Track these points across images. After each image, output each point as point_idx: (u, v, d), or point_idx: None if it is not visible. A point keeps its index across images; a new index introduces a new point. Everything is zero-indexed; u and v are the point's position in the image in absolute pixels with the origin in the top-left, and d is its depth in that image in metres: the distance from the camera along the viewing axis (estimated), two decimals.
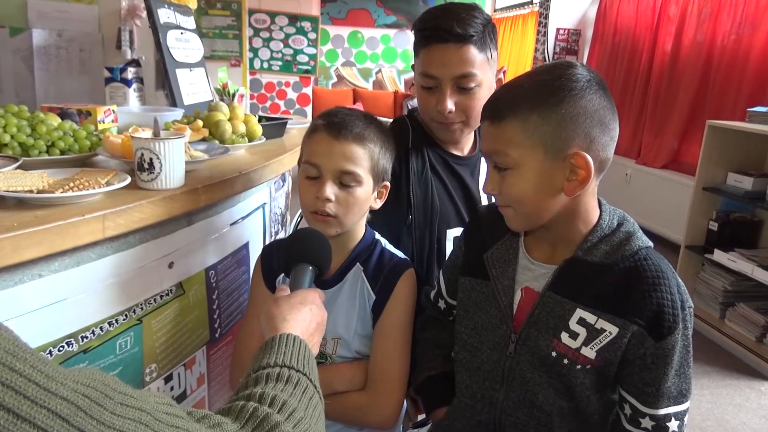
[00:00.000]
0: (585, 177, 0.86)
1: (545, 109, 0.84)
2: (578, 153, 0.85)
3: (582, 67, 0.87)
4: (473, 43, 1.17)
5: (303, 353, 0.74)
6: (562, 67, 0.87)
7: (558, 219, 0.91)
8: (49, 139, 1.20)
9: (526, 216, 0.92)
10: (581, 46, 5.91)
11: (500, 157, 0.89)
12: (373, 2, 8.19)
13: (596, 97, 0.85)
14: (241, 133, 1.57)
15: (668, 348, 0.88)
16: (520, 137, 0.86)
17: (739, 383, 2.79)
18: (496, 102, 0.90)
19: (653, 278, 0.88)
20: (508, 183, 0.89)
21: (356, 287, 1.12)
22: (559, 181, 0.87)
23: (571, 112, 0.84)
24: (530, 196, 0.88)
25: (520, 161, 0.87)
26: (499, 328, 0.98)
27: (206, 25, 5.24)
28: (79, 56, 2.32)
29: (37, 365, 0.41)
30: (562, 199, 0.89)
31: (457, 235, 1.30)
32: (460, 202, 1.31)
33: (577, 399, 0.94)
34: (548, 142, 0.85)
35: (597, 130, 0.86)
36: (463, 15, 1.17)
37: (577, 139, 0.85)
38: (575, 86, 0.84)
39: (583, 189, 0.88)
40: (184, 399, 1.26)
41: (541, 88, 0.85)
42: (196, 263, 1.26)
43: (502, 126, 0.87)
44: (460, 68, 1.17)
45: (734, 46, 3.97)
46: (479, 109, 1.21)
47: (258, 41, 7.18)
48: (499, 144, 0.88)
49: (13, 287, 0.86)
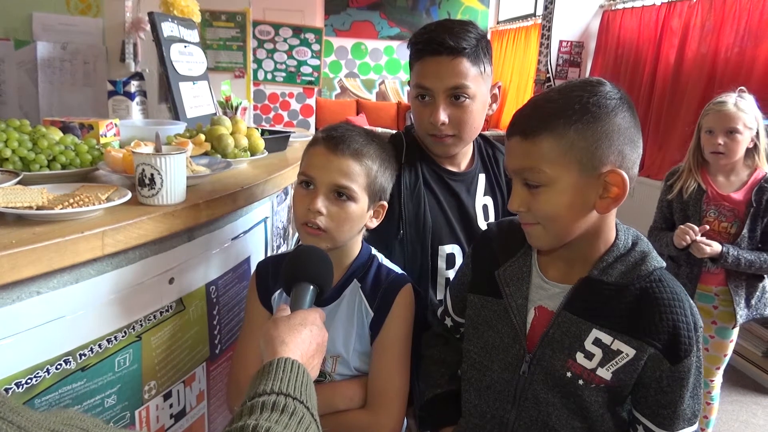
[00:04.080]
0: (619, 194, 0.86)
1: (582, 125, 0.83)
2: (614, 170, 0.85)
3: (611, 85, 0.87)
4: (466, 56, 1.17)
5: (301, 379, 0.72)
6: (595, 84, 0.87)
7: (581, 237, 0.90)
8: (51, 153, 1.19)
9: (555, 234, 0.90)
10: (584, 58, 5.91)
11: (534, 174, 0.86)
12: (376, 14, 8.24)
13: (628, 115, 0.86)
14: (244, 147, 1.57)
15: (684, 371, 0.88)
16: (555, 153, 0.84)
17: (745, 399, 2.75)
18: (529, 118, 0.87)
19: (669, 300, 0.87)
20: (540, 200, 0.87)
21: (354, 304, 1.11)
22: (591, 199, 0.87)
23: (607, 130, 0.84)
24: (563, 214, 0.87)
25: (555, 178, 0.85)
26: (512, 347, 0.97)
27: (210, 36, 5.26)
28: (83, 69, 2.32)
29: (20, 411, 0.40)
30: (592, 217, 0.88)
31: (450, 252, 1.29)
32: (454, 219, 1.30)
33: (591, 419, 0.93)
34: (584, 159, 0.84)
35: (628, 147, 0.86)
36: (456, 29, 1.18)
37: (612, 156, 0.85)
38: (610, 104, 0.84)
39: (617, 206, 0.87)
40: (184, 416, 1.25)
41: (578, 105, 0.84)
42: (196, 279, 1.25)
43: (536, 142, 0.85)
44: (453, 80, 1.18)
45: (737, 59, 3.97)
46: (472, 122, 1.22)
47: (262, 53, 7.21)
48: (532, 160, 0.86)
49: (11, 305, 0.85)
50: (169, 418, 1.20)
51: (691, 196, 2.05)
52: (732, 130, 1.95)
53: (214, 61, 5.16)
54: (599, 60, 5.69)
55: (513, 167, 0.90)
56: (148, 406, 1.13)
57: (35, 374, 0.90)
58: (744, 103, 1.97)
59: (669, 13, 4.73)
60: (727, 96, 2.01)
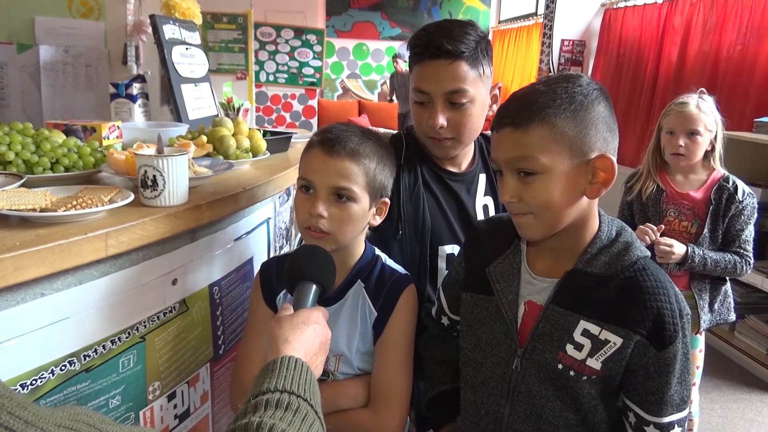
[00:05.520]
0: (606, 179, 0.89)
1: (570, 113, 0.86)
2: (604, 155, 0.88)
3: (588, 78, 0.92)
4: (464, 59, 1.17)
5: (304, 377, 0.72)
6: (575, 77, 0.91)
7: (568, 228, 0.92)
8: (54, 156, 1.20)
9: (547, 223, 0.91)
10: (586, 57, 5.91)
11: (528, 162, 0.88)
12: (378, 15, 8.25)
13: (607, 105, 0.90)
14: (246, 148, 1.57)
15: (670, 357, 0.89)
16: (548, 141, 0.86)
17: (750, 397, 2.75)
18: (518, 109, 0.89)
19: (653, 288, 0.89)
20: (534, 188, 0.88)
21: (357, 304, 1.12)
22: (582, 185, 0.89)
23: (592, 117, 0.87)
24: (557, 201, 0.88)
25: (548, 166, 0.87)
26: (504, 342, 0.98)
27: (212, 38, 5.28)
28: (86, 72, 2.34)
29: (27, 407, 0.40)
30: (582, 204, 0.91)
31: (450, 253, 1.28)
32: (454, 219, 1.29)
33: (585, 410, 0.94)
34: (574, 145, 0.87)
35: (609, 135, 0.90)
36: (455, 32, 1.17)
37: (598, 143, 0.88)
38: (592, 93, 0.89)
39: (606, 191, 0.90)
40: (188, 417, 1.25)
41: (564, 94, 0.87)
42: (199, 279, 1.25)
43: (528, 131, 0.87)
44: (451, 84, 1.17)
45: (740, 57, 3.96)
46: (471, 125, 1.22)
47: (264, 54, 7.24)
48: (526, 149, 0.87)
49: (15, 306, 0.86)
50: (173, 419, 1.20)
51: (650, 197, 2.06)
52: (693, 132, 1.95)
53: (216, 63, 5.18)
54: (601, 58, 5.68)
55: (505, 158, 0.91)
56: (152, 407, 1.14)
57: (40, 375, 0.91)
58: (705, 104, 1.98)
59: (671, 11, 4.72)
60: (688, 97, 2.01)
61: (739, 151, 3.16)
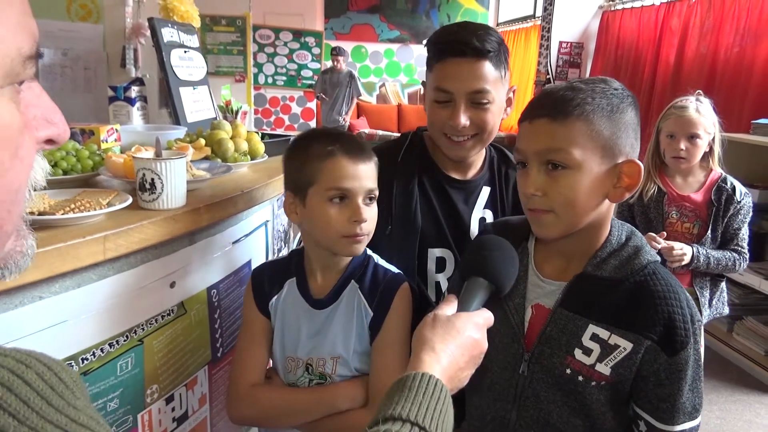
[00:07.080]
0: (630, 184, 0.89)
1: (606, 114, 0.87)
2: (633, 161, 0.88)
3: (620, 83, 0.92)
4: (489, 59, 1.15)
5: (440, 406, 0.67)
6: (609, 81, 0.91)
7: (582, 230, 0.92)
8: (52, 159, 1.20)
9: (567, 222, 0.90)
10: (584, 59, 5.92)
11: (560, 155, 0.86)
12: (376, 17, 8.26)
13: (637, 112, 0.91)
14: (244, 151, 1.57)
15: (681, 363, 0.87)
16: (584, 138, 0.86)
17: (748, 398, 2.75)
18: (557, 101, 0.88)
19: (664, 293, 0.88)
20: (561, 184, 0.87)
21: (353, 305, 1.12)
22: (606, 188, 0.89)
23: (625, 121, 0.88)
24: (582, 200, 0.88)
25: (580, 162, 0.86)
26: (511, 346, 0.97)
27: (211, 41, 5.29)
28: (84, 75, 2.34)
29: None
30: (603, 207, 0.91)
31: (440, 256, 1.27)
32: (445, 224, 1.27)
33: (593, 417, 0.92)
34: (606, 146, 0.87)
35: (636, 142, 0.91)
36: (480, 32, 1.16)
37: (627, 147, 0.89)
38: (627, 98, 0.89)
39: (629, 195, 0.90)
40: (186, 420, 1.25)
41: (602, 95, 0.87)
42: (198, 282, 1.26)
43: (566, 124, 0.86)
44: (475, 84, 1.15)
45: (737, 59, 3.97)
46: (493, 122, 1.20)
47: (262, 56, 7.24)
48: (561, 142, 0.86)
49: (14, 310, 0.86)
50: (171, 422, 1.20)
51: (651, 199, 2.07)
52: (693, 135, 1.97)
53: (215, 65, 5.18)
54: (599, 60, 5.70)
55: (536, 149, 0.89)
56: (150, 410, 1.14)
57: None
58: (703, 107, 1.99)
59: (668, 13, 4.74)
60: (686, 100, 2.02)
61: (736, 153, 3.16)
